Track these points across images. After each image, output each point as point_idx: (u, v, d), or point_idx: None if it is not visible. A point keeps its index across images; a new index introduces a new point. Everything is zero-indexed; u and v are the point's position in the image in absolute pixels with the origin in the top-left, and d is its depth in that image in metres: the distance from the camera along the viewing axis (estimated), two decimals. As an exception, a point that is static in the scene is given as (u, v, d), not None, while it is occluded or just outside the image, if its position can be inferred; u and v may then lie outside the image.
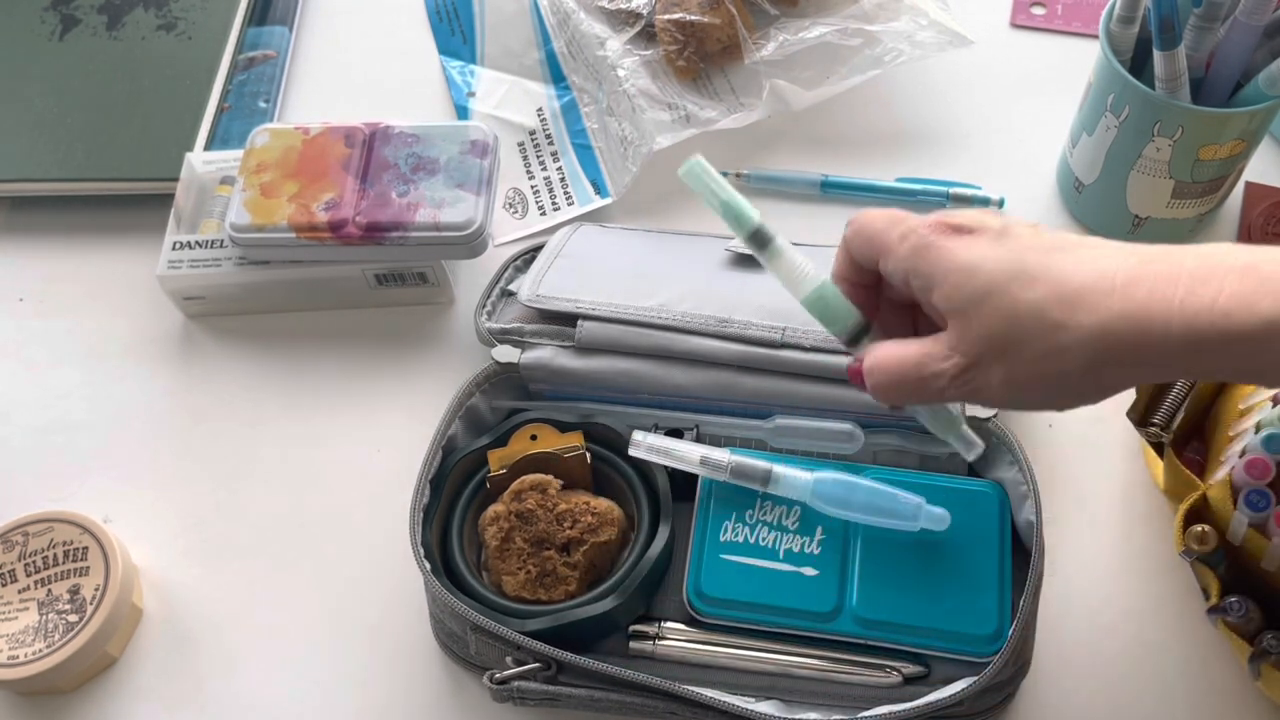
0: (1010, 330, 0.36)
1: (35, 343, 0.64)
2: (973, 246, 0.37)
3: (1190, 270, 0.34)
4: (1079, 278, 0.35)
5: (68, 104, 0.70)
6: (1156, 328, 0.34)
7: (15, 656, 0.49)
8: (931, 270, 0.38)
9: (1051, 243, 0.37)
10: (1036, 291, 0.35)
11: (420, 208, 0.59)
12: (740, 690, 0.48)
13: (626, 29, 0.70)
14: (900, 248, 0.39)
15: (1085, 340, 0.35)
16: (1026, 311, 0.36)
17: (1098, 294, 0.35)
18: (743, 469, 0.50)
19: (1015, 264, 0.36)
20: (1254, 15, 0.54)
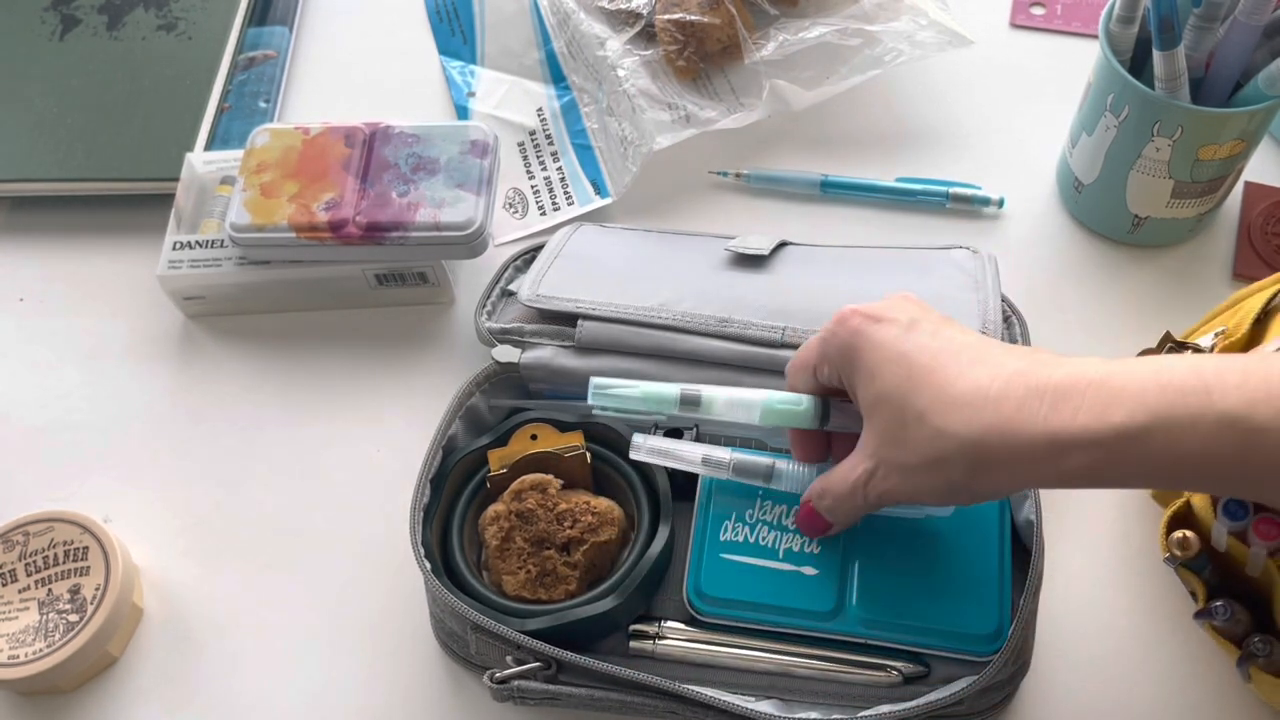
0: (899, 433, 0.39)
1: (35, 343, 0.64)
2: (883, 341, 0.41)
3: (1056, 384, 0.37)
4: (958, 387, 0.38)
5: (68, 104, 0.70)
6: (1023, 440, 0.37)
7: (15, 656, 0.49)
8: (851, 371, 0.42)
9: (947, 342, 0.40)
10: (921, 397, 0.39)
11: (420, 208, 0.59)
12: (740, 690, 0.48)
13: (626, 29, 0.70)
14: (827, 351, 0.43)
15: (961, 448, 0.38)
16: (912, 416, 0.39)
17: (973, 406, 0.38)
18: (745, 466, 0.50)
19: (907, 368, 0.40)
20: (1254, 15, 0.54)
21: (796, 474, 0.50)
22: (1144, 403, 0.35)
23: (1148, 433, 0.35)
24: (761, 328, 0.54)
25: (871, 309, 0.42)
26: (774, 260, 0.59)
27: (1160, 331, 0.52)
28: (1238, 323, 0.49)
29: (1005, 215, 0.67)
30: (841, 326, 0.42)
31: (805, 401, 0.45)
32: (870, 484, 0.42)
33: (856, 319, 0.42)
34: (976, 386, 0.38)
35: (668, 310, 0.55)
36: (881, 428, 0.40)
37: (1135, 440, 0.35)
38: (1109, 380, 0.36)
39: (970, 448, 0.37)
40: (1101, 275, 0.64)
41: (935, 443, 0.38)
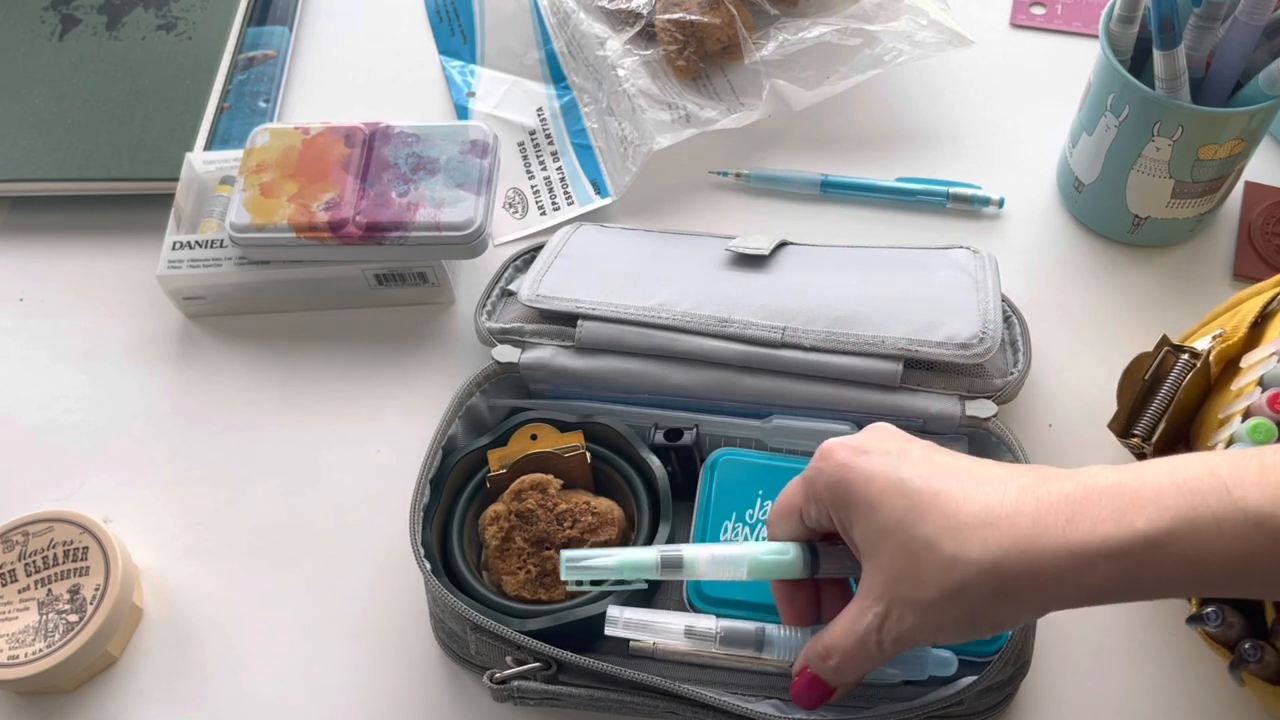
0: (910, 566, 0.37)
1: (35, 343, 0.64)
2: (874, 474, 0.38)
3: (1068, 496, 0.35)
4: (968, 510, 0.36)
5: (68, 104, 0.70)
6: (1046, 557, 0.35)
7: (15, 656, 0.49)
8: (843, 509, 0.39)
9: (944, 467, 0.38)
10: (928, 526, 0.36)
11: (420, 208, 0.59)
12: (740, 690, 0.48)
13: (626, 29, 0.70)
14: (812, 491, 0.40)
15: (981, 574, 0.35)
16: (922, 546, 0.36)
17: (987, 527, 0.36)
18: (733, 635, 0.45)
19: (907, 496, 0.37)
20: (1254, 15, 0.54)
21: (790, 639, 0.45)
22: (1164, 506, 0.34)
23: (1172, 538, 0.34)
24: (761, 328, 0.54)
25: (856, 441, 0.40)
26: (774, 260, 0.59)
27: (1160, 331, 0.52)
28: (1235, 325, 0.49)
29: (1005, 215, 0.67)
30: (827, 462, 0.40)
31: (792, 550, 0.42)
32: (885, 629, 0.38)
33: (842, 452, 0.39)
34: (986, 507, 0.36)
35: (668, 310, 0.55)
36: (888, 563, 0.37)
37: (1161, 547, 0.34)
38: (1123, 486, 0.35)
39: (990, 572, 0.35)
40: (1101, 275, 0.64)
41: (952, 571, 0.36)
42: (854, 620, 0.39)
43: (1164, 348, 0.50)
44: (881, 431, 0.41)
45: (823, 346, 0.53)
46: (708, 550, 0.42)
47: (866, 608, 0.38)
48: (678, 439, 0.53)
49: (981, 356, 0.52)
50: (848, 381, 0.53)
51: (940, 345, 0.52)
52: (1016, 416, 0.58)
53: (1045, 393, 0.59)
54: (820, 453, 0.40)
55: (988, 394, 0.53)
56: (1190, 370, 0.48)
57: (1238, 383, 0.47)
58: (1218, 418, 0.47)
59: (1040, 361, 0.59)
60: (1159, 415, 0.49)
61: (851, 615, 0.39)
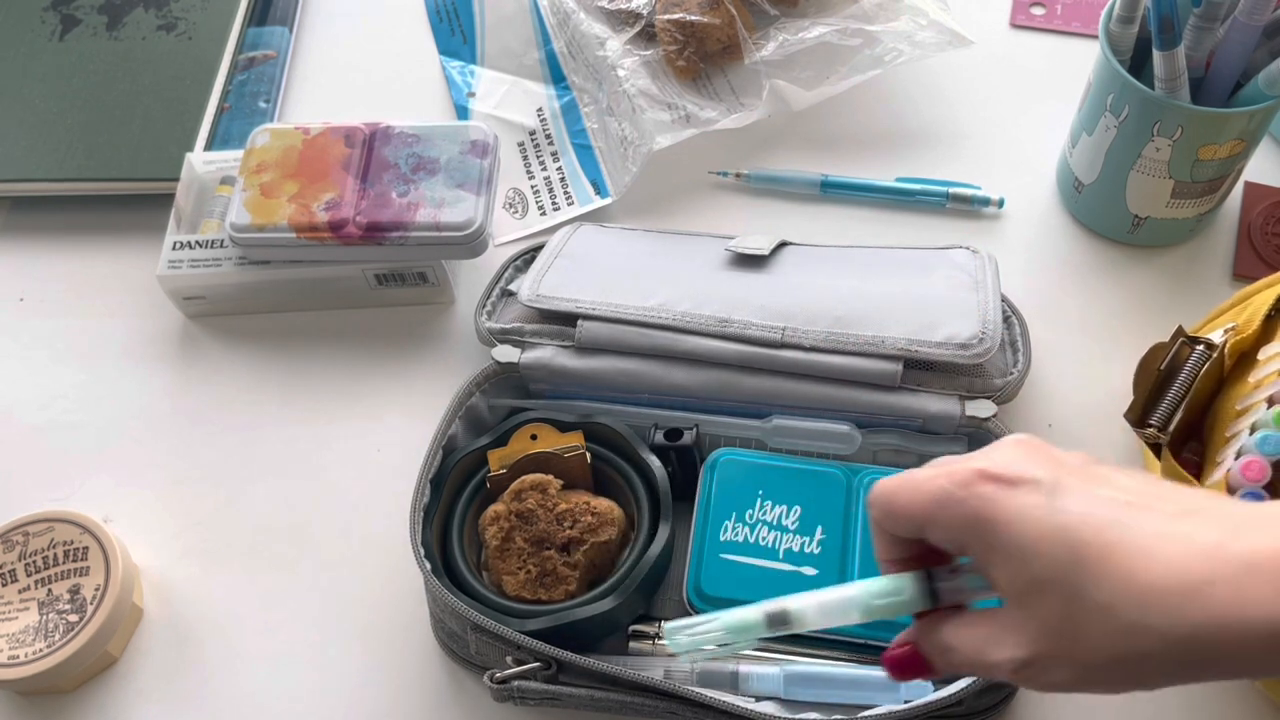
0: (1076, 630, 0.32)
1: (35, 343, 0.64)
2: (1026, 515, 0.33)
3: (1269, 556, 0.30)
4: (1153, 573, 0.31)
5: (68, 104, 0.70)
6: (1253, 633, 0.30)
7: (15, 656, 0.49)
8: (984, 549, 0.34)
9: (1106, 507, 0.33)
10: (1103, 590, 0.31)
11: (420, 208, 0.59)
12: (740, 690, 0.48)
13: (626, 29, 0.70)
14: (945, 518, 0.35)
15: (1168, 647, 0.31)
16: (1093, 609, 0.32)
17: (1178, 595, 0.31)
18: (709, 676, 0.47)
19: (1073, 547, 0.32)
20: (1254, 15, 0.54)
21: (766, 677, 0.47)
22: None
23: None
24: (761, 328, 0.54)
25: (1003, 470, 0.34)
26: (774, 260, 0.59)
27: (1161, 332, 0.52)
28: (1248, 319, 0.49)
29: (1005, 215, 0.67)
30: (968, 493, 0.34)
31: (907, 589, 0.37)
32: (1024, 675, 0.34)
33: (987, 486, 0.34)
34: (1171, 569, 0.31)
35: (668, 310, 0.55)
36: (1044, 618, 0.33)
37: None
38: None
39: (1180, 646, 0.31)
40: (1101, 275, 0.64)
41: (1131, 640, 0.31)
42: (986, 644, 0.34)
43: (1179, 338, 0.50)
44: (1027, 450, 0.35)
45: (823, 346, 0.53)
46: (815, 598, 0.38)
47: (1004, 643, 0.34)
48: (678, 439, 0.53)
49: (981, 356, 0.52)
50: (848, 381, 0.53)
51: (940, 345, 0.53)
52: (1016, 416, 0.58)
53: (1045, 393, 0.59)
54: (953, 475, 0.34)
55: (987, 394, 0.53)
56: (1206, 361, 0.48)
57: (1256, 374, 0.47)
58: (1235, 409, 0.48)
59: (1040, 361, 0.59)
60: (1175, 405, 0.49)
61: (985, 636, 0.35)
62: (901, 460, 0.54)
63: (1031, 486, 0.33)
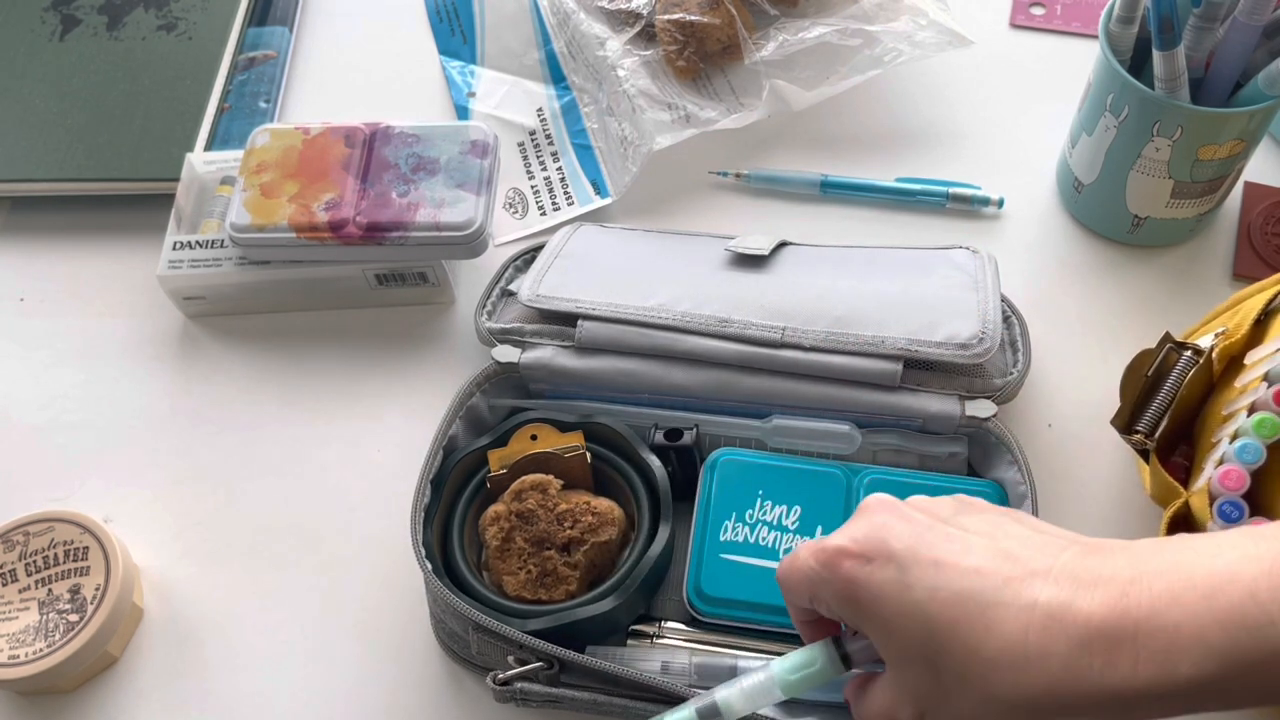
0: (944, 695, 0.35)
1: (35, 343, 0.64)
2: (882, 593, 0.36)
3: (1098, 630, 0.33)
4: (991, 646, 0.34)
5: (68, 104, 0.70)
6: (1085, 703, 0.33)
7: (16, 656, 0.49)
8: (858, 623, 0.38)
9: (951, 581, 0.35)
10: (955, 662, 0.35)
11: (420, 208, 0.59)
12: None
13: (626, 29, 0.70)
14: (822, 596, 0.39)
15: (1012, 710, 0.34)
16: (951, 679, 0.35)
17: (1015, 669, 0.33)
18: (707, 670, 0.48)
19: (925, 625, 0.35)
20: (1253, 15, 0.54)
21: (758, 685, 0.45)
22: (1209, 647, 0.31)
23: (1223, 679, 0.31)
24: (761, 328, 0.54)
25: (861, 548, 0.37)
26: (774, 260, 0.59)
27: (1160, 331, 0.52)
28: (1238, 323, 0.49)
29: (1005, 215, 0.67)
30: (833, 574, 0.37)
31: (819, 659, 0.40)
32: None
33: (847, 564, 0.37)
34: (1010, 645, 0.34)
35: (668, 310, 0.55)
36: (915, 684, 0.36)
37: (1209, 688, 0.32)
38: (1157, 618, 0.32)
39: (1026, 712, 0.34)
40: (1101, 275, 0.64)
41: (985, 707, 0.34)
42: (893, 709, 0.38)
43: (1166, 344, 0.50)
44: (885, 519, 0.38)
45: (823, 346, 0.53)
46: (737, 686, 0.41)
47: (902, 703, 0.37)
48: (678, 439, 0.53)
49: (981, 356, 0.52)
50: (848, 381, 0.53)
51: (940, 345, 0.53)
52: (1016, 416, 0.58)
53: (1045, 393, 0.59)
54: (822, 560, 0.38)
55: (987, 394, 0.53)
56: (1193, 367, 0.48)
57: (1242, 379, 0.47)
58: (1221, 414, 0.47)
59: (1040, 361, 0.59)
60: (1161, 412, 0.49)
61: (887, 702, 0.38)
62: (901, 460, 0.54)
63: (884, 563, 0.36)
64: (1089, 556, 0.35)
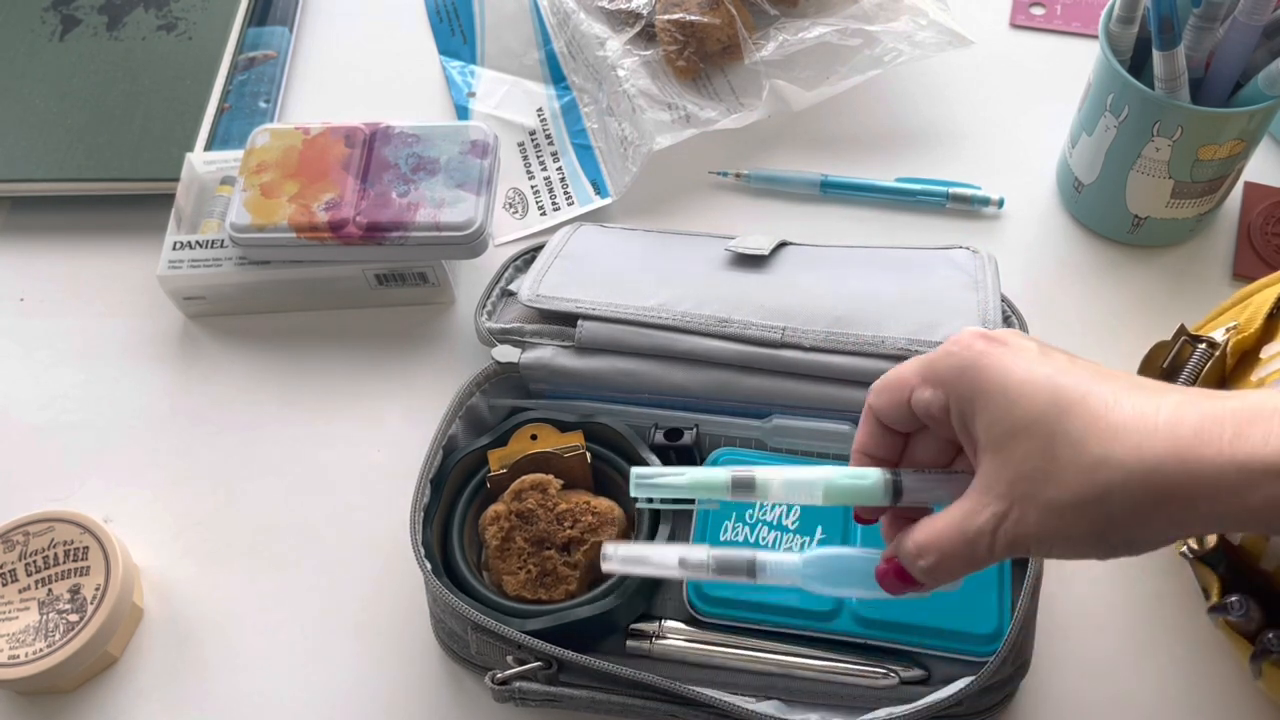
0: (1045, 465, 0.34)
1: (35, 343, 0.64)
2: (1015, 365, 0.35)
3: (1234, 410, 0.32)
4: (1119, 413, 0.33)
5: (68, 104, 0.70)
6: (1207, 468, 0.32)
7: (16, 656, 0.49)
8: (974, 393, 0.36)
9: (1089, 370, 0.35)
10: (1074, 424, 0.33)
11: (420, 208, 0.59)
12: (740, 690, 0.48)
13: (626, 29, 0.70)
14: (941, 367, 0.37)
15: (1129, 480, 0.32)
16: (1064, 444, 0.33)
17: (1140, 432, 0.32)
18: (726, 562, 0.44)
19: (1053, 391, 0.34)
20: (1253, 15, 0.54)
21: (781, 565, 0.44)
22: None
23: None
24: (761, 328, 0.54)
25: (995, 332, 0.37)
26: (774, 260, 0.59)
27: (1161, 332, 0.52)
28: (1249, 317, 0.49)
29: (1005, 215, 0.67)
30: (963, 348, 0.36)
31: (872, 476, 0.39)
32: (1001, 529, 0.35)
33: (980, 342, 0.36)
34: (1141, 412, 0.33)
35: (668, 310, 0.55)
36: (1019, 459, 0.34)
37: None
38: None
39: (1142, 479, 0.32)
40: (1101, 275, 0.64)
41: (1097, 474, 0.33)
42: (965, 518, 0.35)
43: (1181, 337, 0.50)
44: (1020, 332, 0.38)
45: (823, 346, 0.53)
46: (781, 473, 0.39)
47: (983, 505, 0.35)
48: (678, 439, 0.53)
49: (981, 356, 0.52)
50: (848, 381, 0.53)
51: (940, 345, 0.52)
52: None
53: (1045, 393, 0.59)
54: (954, 338, 0.37)
55: (988, 394, 0.53)
56: (1208, 359, 0.48)
57: (1258, 373, 0.47)
58: None
59: (1040, 361, 0.59)
60: None
61: (962, 513, 0.36)
62: (901, 460, 0.54)
63: (1021, 349, 0.36)
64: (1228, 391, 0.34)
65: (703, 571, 0.43)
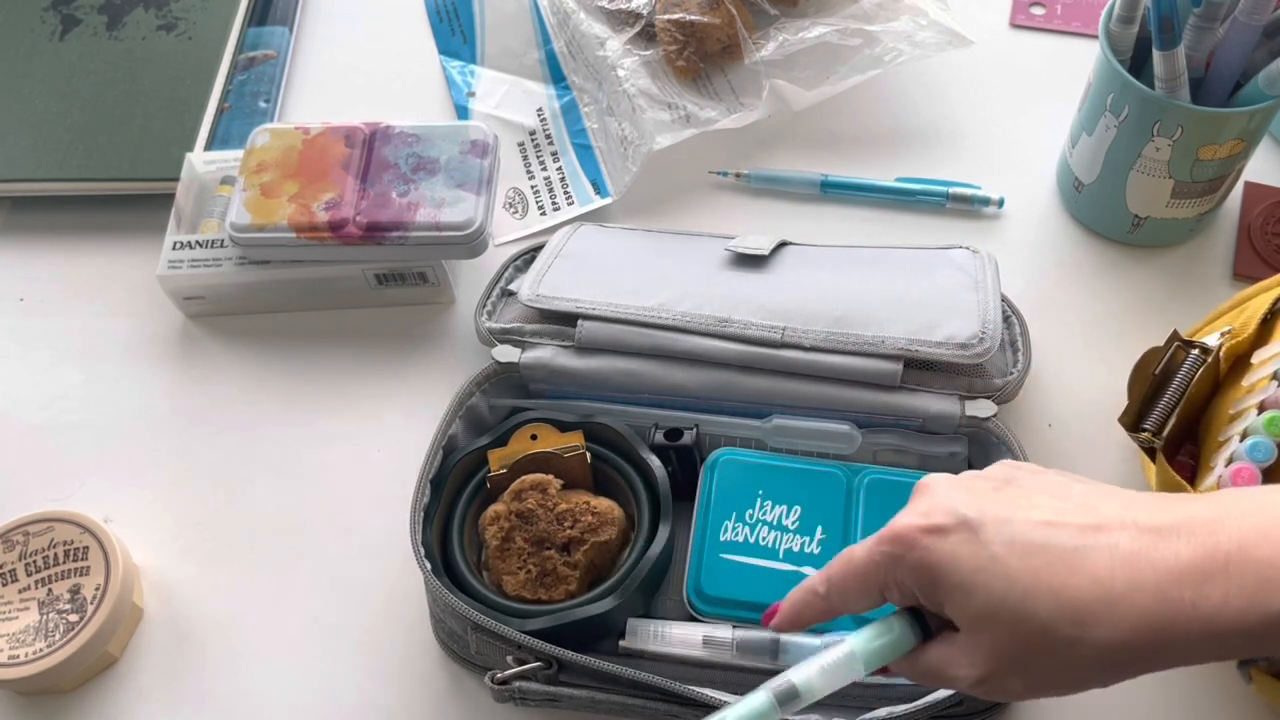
0: (1023, 650, 0.35)
1: (35, 343, 0.64)
2: (958, 557, 0.36)
3: (1189, 564, 0.33)
4: (1076, 587, 0.34)
5: (68, 104, 0.70)
6: (1177, 637, 0.33)
7: (16, 656, 0.49)
8: (934, 592, 0.37)
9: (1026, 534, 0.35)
10: (1040, 609, 0.34)
11: (420, 208, 0.59)
12: (740, 690, 0.48)
13: (626, 29, 0.70)
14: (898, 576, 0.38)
15: (1103, 654, 0.34)
16: (1035, 630, 0.34)
17: (1103, 606, 0.33)
18: (749, 644, 0.48)
19: (1004, 578, 0.35)
20: (1254, 15, 0.54)
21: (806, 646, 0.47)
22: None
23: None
24: (761, 328, 0.54)
25: (926, 522, 0.37)
26: (774, 260, 0.59)
27: (1161, 331, 0.52)
28: (1244, 322, 0.49)
29: (1005, 215, 0.67)
30: (909, 550, 0.37)
31: (897, 627, 0.39)
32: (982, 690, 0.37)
33: (923, 539, 0.37)
34: (1098, 582, 0.34)
35: (668, 310, 0.55)
36: (991, 642, 0.36)
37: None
38: (1247, 553, 0.32)
39: (1115, 654, 0.34)
40: (1101, 275, 0.64)
41: (1073, 652, 0.34)
42: (947, 667, 0.38)
43: (1174, 342, 0.50)
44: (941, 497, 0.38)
45: (823, 346, 0.53)
46: (815, 665, 0.39)
47: (963, 665, 0.37)
48: (678, 439, 0.53)
49: (981, 356, 0.52)
50: (848, 381, 0.53)
51: (940, 345, 0.53)
52: (1016, 416, 0.58)
53: (1045, 393, 0.59)
54: (895, 539, 0.38)
55: (987, 394, 0.53)
56: (1201, 365, 0.48)
57: (1250, 378, 0.47)
58: (1229, 413, 0.47)
59: (1040, 361, 0.59)
60: (1169, 410, 0.49)
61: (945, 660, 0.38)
62: (901, 460, 0.54)
63: (957, 529, 0.36)
64: (1164, 504, 0.35)
65: (725, 651, 0.47)
